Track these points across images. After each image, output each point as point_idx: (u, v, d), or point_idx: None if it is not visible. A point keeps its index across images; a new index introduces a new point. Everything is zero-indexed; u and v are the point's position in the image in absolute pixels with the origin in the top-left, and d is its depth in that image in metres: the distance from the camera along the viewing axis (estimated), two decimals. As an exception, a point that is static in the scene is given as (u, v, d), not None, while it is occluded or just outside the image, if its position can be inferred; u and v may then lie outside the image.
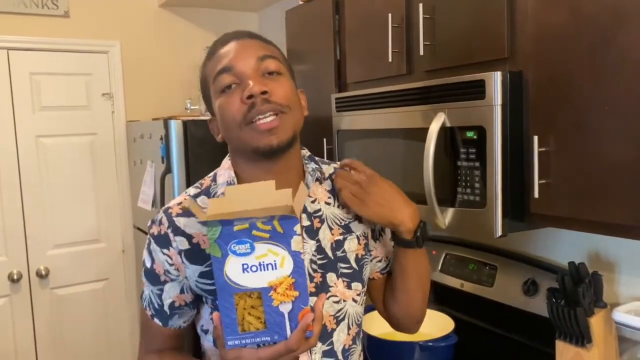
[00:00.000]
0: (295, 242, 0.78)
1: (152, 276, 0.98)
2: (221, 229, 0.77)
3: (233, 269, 0.78)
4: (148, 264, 0.99)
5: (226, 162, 1.02)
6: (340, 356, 1.00)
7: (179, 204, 0.98)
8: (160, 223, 0.96)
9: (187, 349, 1.17)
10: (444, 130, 1.36)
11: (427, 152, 1.35)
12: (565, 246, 1.58)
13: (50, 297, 2.74)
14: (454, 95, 1.34)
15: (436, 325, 1.55)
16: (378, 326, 1.40)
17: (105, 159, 2.83)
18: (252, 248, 0.77)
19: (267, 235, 0.78)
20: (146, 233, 1.02)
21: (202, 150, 2.20)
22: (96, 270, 2.86)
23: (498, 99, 1.23)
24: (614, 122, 1.06)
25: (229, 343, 0.78)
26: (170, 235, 0.95)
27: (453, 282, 1.84)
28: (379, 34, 1.66)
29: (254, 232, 0.77)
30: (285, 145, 0.93)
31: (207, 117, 1.04)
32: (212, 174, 1.04)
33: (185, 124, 2.18)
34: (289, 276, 0.78)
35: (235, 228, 0.77)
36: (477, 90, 1.26)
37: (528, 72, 1.23)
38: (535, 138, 1.20)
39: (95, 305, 2.86)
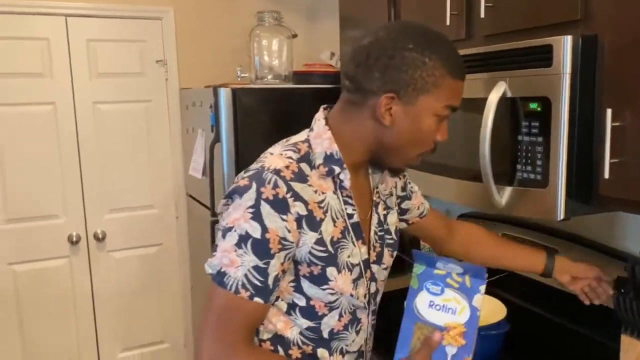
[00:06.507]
0: (477, 300, 0.95)
1: (262, 247, 0.90)
2: (425, 268, 0.98)
3: (422, 301, 0.96)
4: (257, 234, 0.90)
5: (324, 130, 1.00)
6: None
7: (287, 167, 0.95)
8: (276, 186, 0.91)
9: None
10: (504, 101, 1.24)
11: (485, 124, 1.24)
12: (636, 233, 1.44)
13: (107, 259, 2.83)
14: (517, 63, 1.21)
15: (487, 310, 1.45)
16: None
17: (158, 126, 2.86)
18: (442, 291, 0.95)
19: (457, 286, 0.95)
20: (199, 202, 1.02)
21: (251, 120, 2.16)
22: (150, 235, 2.92)
23: (567, 67, 1.10)
24: None
25: (397, 357, 0.95)
26: (290, 200, 0.92)
27: (508, 264, 1.72)
28: (437, -5, 1.53)
29: (448, 279, 0.96)
30: None
31: (257, 85, 1.09)
32: (303, 137, 1.02)
33: (234, 92, 2.14)
34: (462, 324, 0.93)
35: (435, 272, 0.97)
36: (543, 57, 1.13)
37: (604, 37, 1.09)
38: (609, 111, 1.06)
39: (149, 269, 2.93)
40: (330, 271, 0.98)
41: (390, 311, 1.49)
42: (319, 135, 1.00)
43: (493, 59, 1.29)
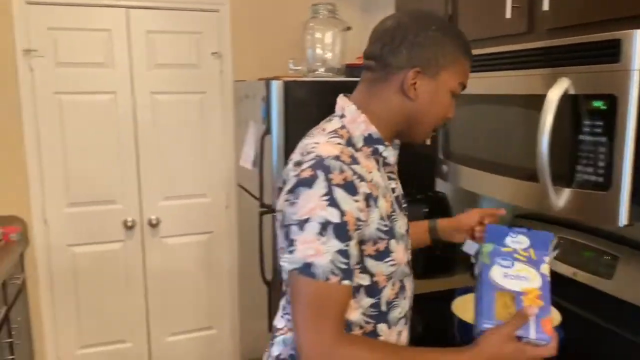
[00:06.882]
0: (544, 267, 1.05)
1: (342, 230, 0.94)
2: (493, 247, 1.07)
3: (496, 274, 1.05)
4: (336, 218, 0.93)
5: (358, 114, 1.07)
6: None
7: (342, 152, 0.99)
8: (342, 171, 0.96)
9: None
10: (565, 98, 1.18)
11: (544, 122, 1.18)
12: None
13: (160, 245, 2.91)
14: (581, 58, 1.15)
15: (540, 316, 1.39)
16: (471, 313, 1.28)
17: (212, 118, 2.91)
18: (512, 264, 1.05)
19: (525, 259, 1.06)
20: (249, 192, 1.07)
21: (302, 112, 2.15)
22: (202, 223, 2.98)
23: (637, 63, 1.03)
24: None
25: (485, 325, 0.99)
26: (356, 181, 0.97)
27: (564, 269, 1.65)
28: (497, -14, 1.47)
29: (515, 255, 1.06)
30: None
31: (309, 78, 1.14)
32: (338, 124, 1.07)
33: (286, 84, 2.14)
34: (537, 289, 1.02)
35: (503, 249, 1.07)
36: (610, 52, 1.07)
37: (681, 30, 1.01)
38: (683, 111, 0.99)
39: (200, 256, 3.00)
40: (393, 244, 1.05)
41: (434, 312, 1.46)
42: (354, 120, 1.06)
43: (555, 54, 1.23)
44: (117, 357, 2.92)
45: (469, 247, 1.16)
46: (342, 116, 1.08)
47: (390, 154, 1.09)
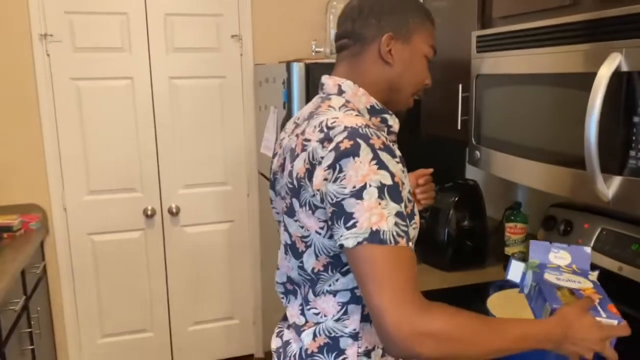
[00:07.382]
0: (591, 276, 1.14)
1: (396, 191, 0.92)
2: (539, 263, 1.16)
3: (550, 277, 1.11)
4: (388, 180, 0.92)
5: (356, 88, 1.09)
6: None
7: (366, 121, 0.99)
8: (378, 137, 0.96)
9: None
10: (617, 76, 1.06)
11: (592, 103, 1.06)
12: None
13: (180, 234, 2.86)
14: (637, 30, 1.02)
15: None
16: (507, 312, 1.19)
17: (232, 103, 2.83)
18: (561, 274, 1.13)
19: (570, 272, 1.14)
20: (270, 180, 1.13)
21: (325, 96, 2.05)
22: (223, 212, 2.92)
23: None
24: None
25: (555, 306, 1.02)
26: (391, 144, 0.97)
27: (609, 263, 1.53)
28: (538, -46, 1.35)
29: (561, 269, 1.15)
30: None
31: (331, 60, 1.14)
32: (341, 101, 1.07)
33: (307, 67, 2.04)
34: (591, 287, 1.09)
35: (548, 265, 1.15)
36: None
37: None
38: None
39: (221, 245, 2.95)
40: (415, 207, 1.07)
41: (466, 307, 1.36)
42: (355, 94, 1.08)
43: (605, 27, 1.10)
44: (139, 347, 2.90)
45: (514, 272, 1.15)
46: (340, 92, 1.08)
47: (395, 122, 1.12)
